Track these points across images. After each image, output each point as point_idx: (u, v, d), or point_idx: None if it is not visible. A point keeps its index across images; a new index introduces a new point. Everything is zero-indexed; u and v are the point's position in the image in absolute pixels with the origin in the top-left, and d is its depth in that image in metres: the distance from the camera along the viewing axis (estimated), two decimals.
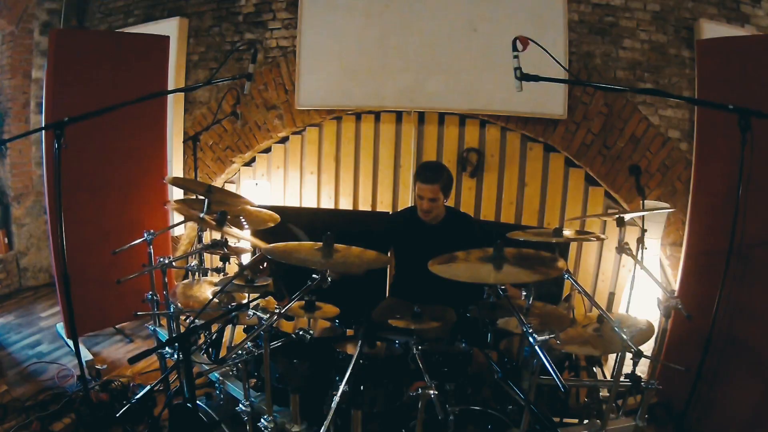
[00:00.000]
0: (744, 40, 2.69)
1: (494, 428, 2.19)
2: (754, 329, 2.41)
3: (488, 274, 1.82)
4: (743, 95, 2.44)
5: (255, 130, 3.93)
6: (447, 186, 2.58)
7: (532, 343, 1.69)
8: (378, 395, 1.97)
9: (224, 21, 3.92)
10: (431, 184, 2.51)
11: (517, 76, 1.97)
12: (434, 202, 2.55)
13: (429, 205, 2.56)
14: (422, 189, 2.54)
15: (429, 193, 2.52)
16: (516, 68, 1.97)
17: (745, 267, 2.46)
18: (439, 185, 2.52)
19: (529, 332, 1.69)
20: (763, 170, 2.33)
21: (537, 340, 1.69)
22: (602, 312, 1.94)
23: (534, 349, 1.66)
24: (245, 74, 2.29)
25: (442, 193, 2.55)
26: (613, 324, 1.88)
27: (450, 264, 1.93)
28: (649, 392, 2.05)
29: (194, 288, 2.41)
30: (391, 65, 3.56)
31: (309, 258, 1.87)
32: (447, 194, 2.60)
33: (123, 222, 3.37)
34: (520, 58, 2.00)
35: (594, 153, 3.43)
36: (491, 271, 1.82)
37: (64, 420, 2.57)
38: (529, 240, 2.17)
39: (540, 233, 2.25)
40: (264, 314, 1.84)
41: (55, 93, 3.05)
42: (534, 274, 1.82)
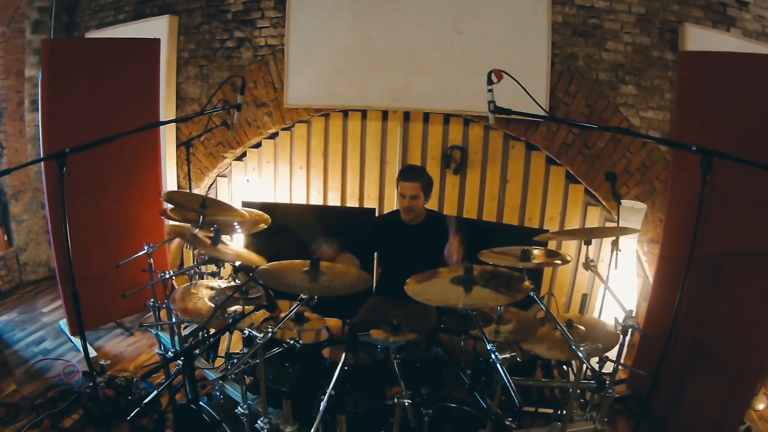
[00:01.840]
0: (725, 56, 2.69)
1: (469, 424, 2.29)
2: (721, 335, 2.48)
3: (458, 298, 1.88)
4: (723, 110, 2.50)
5: (245, 127, 3.94)
6: (427, 186, 2.70)
7: (494, 360, 1.78)
8: (362, 397, 2.13)
9: (214, 19, 3.89)
10: (412, 182, 2.65)
11: (490, 110, 1.99)
12: (415, 200, 2.67)
13: (410, 202, 2.68)
14: (404, 187, 2.67)
15: (410, 190, 2.65)
16: (490, 102, 1.99)
17: (714, 276, 2.53)
18: (420, 184, 2.66)
19: (492, 350, 1.79)
20: (734, 183, 2.39)
21: (499, 359, 1.78)
22: (563, 332, 1.98)
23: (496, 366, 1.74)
24: (234, 105, 2.33)
25: (423, 192, 2.68)
26: (570, 343, 1.92)
27: (427, 283, 2.01)
28: (608, 398, 2.10)
29: (192, 293, 2.48)
30: (376, 66, 3.57)
31: (296, 283, 1.98)
32: (427, 194, 2.71)
33: (120, 222, 3.44)
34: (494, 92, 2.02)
35: (575, 152, 3.46)
36: (461, 294, 1.89)
37: (73, 416, 2.64)
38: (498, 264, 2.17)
39: (509, 254, 2.27)
40: (258, 332, 1.93)
41: (51, 103, 3.08)
42: (501, 297, 1.90)
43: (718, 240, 2.52)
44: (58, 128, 3.08)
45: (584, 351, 1.88)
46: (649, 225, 3.48)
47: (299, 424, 2.05)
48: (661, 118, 3.43)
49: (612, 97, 3.42)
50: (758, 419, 2.92)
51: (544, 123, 3.43)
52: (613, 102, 3.42)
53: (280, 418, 2.06)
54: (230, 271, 2.97)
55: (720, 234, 2.51)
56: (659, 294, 2.92)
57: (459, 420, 2.38)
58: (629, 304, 3.33)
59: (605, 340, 2.20)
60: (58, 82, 3.07)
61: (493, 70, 2.02)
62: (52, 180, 3.09)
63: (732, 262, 2.48)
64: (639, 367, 3.02)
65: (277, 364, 2.27)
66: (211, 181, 4.19)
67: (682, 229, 2.81)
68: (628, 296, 3.29)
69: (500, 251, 2.33)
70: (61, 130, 3.07)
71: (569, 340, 1.93)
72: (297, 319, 2.29)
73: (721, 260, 2.51)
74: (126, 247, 3.08)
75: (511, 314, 2.32)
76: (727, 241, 2.49)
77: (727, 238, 2.49)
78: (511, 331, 2.21)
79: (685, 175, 2.79)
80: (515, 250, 2.30)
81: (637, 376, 3.06)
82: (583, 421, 2.24)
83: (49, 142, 3.09)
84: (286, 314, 2.02)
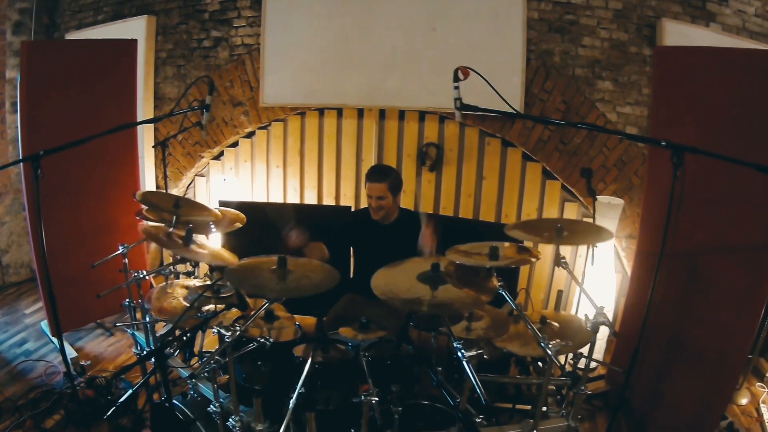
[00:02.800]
0: (701, 51, 2.66)
1: (442, 421, 2.27)
2: (700, 330, 2.46)
3: (423, 297, 1.87)
4: (699, 105, 2.46)
5: (222, 126, 3.92)
6: (395, 186, 2.67)
7: (461, 358, 1.76)
8: (332, 395, 2.13)
9: (191, 18, 3.87)
10: (378, 182, 2.62)
11: (456, 107, 1.97)
12: (382, 200, 2.65)
13: (377, 203, 2.66)
14: (371, 188, 2.65)
15: (377, 191, 2.63)
16: (456, 99, 1.97)
17: (692, 271, 2.51)
18: (387, 184, 2.62)
19: (458, 348, 1.79)
20: (712, 178, 2.37)
21: (465, 356, 1.76)
22: (532, 329, 1.96)
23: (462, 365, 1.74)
24: (203, 105, 2.33)
25: (390, 192, 2.65)
26: (538, 339, 1.90)
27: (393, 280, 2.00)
28: (580, 395, 2.09)
29: (168, 293, 2.48)
30: (352, 64, 3.55)
31: (264, 284, 1.96)
32: (396, 194, 2.68)
33: (99, 223, 3.43)
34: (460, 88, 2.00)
35: (551, 148, 3.43)
36: (428, 292, 1.89)
37: (55, 417, 2.64)
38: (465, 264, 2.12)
39: (478, 252, 2.22)
40: (227, 331, 1.92)
41: (30, 105, 3.07)
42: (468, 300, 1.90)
43: (695, 235, 2.49)
44: (36, 130, 3.07)
45: (553, 348, 1.85)
46: (627, 220, 3.45)
47: (270, 422, 2.04)
48: (638, 113, 3.40)
49: (588, 93, 3.39)
50: (741, 414, 2.91)
51: (520, 119, 3.40)
52: (589, 98, 3.39)
53: (251, 416, 2.06)
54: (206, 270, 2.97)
55: (698, 229, 2.49)
56: (637, 290, 2.90)
57: (431, 417, 2.36)
58: (608, 300, 3.32)
59: (579, 337, 2.18)
60: (36, 84, 3.06)
61: (459, 67, 2.00)
62: (30, 182, 3.09)
63: (710, 257, 2.46)
64: (618, 363, 3.02)
65: (250, 363, 2.27)
66: (190, 181, 4.17)
67: (659, 224, 2.77)
68: (607, 292, 3.27)
69: (468, 249, 2.30)
70: (39, 132, 3.06)
71: (537, 336, 1.91)
72: (267, 318, 2.29)
73: (698, 255, 2.49)
74: (105, 248, 3.04)
75: (483, 311, 2.30)
76: (705, 237, 2.47)
77: (705, 234, 2.47)
78: (483, 327, 2.20)
79: (662, 170, 2.73)
80: (484, 248, 2.26)
81: (615, 372, 3.04)
82: (556, 418, 2.22)
83: (28, 144, 3.08)
84: (254, 313, 2.02)
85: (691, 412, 2.48)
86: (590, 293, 3.06)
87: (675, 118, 2.60)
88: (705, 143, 1.88)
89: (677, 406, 2.55)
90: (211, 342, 3.12)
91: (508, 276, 3.00)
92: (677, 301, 2.54)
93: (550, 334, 2.18)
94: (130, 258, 2.64)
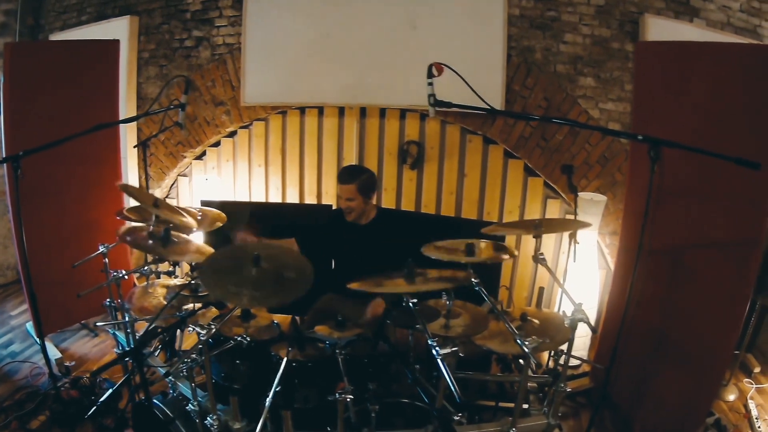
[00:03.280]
0: (683, 46, 2.63)
1: (421, 418, 2.25)
2: (684, 326, 2.43)
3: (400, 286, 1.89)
4: (682, 100, 2.44)
5: (204, 126, 3.90)
6: (365, 188, 2.62)
7: (435, 356, 1.75)
8: (310, 393, 2.12)
9: (173, 18, 3.85)
10: (346, 184, 2.59)
11: (431, 103, 1.96)
12: (351, 202, 2.62)
13: (346, 204, 2.64)
14: (340, 189, 2.63)
15: (345, 193, 2.61)
16: (430, 95, 1.96)
17: (675, 266, 2.48)
18: (356, 186, 2.59)
19: (433, 345, 1.77)
20: (694, 173, 2.36)
21: (439, 354, 1.75)
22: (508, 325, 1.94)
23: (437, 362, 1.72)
24: (179, 105, 2.32)
25: (360, 194, 2.61)
26: (515, 336, 1.88)
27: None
28: (559, 393, 2.08)
29: (150, 292, 2.51)
30: (332, 62, 3.53)
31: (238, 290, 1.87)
32: (367, 196, 2.65)
33: (82, 223, 3.40)
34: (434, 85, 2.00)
35: (532, 145, 3.41)
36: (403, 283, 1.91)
37: (40, 417, 2.63)
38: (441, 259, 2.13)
39: (454, 248, 2.21)
40: (202, 329, 1.90)
41: (13, 107, 3.06)
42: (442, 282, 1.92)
43: (679, 231, 2.47)
44: (19, 131, 3.06)
45: (530, 345, 1.83)
46: (610, 217, 3.43)
47: (248, 421, 2.03)
48: (621, 109, 3.38)
49: (570, 90, 3.38)
50: (728, 410, 2.89)
51: (501, 116, 3.39)
52: (571, 94, 3.37)
53: (229, 414, 2.05)
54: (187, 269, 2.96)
55: (681, 224, 2.47)
56: (620, 286, 2.87)
57: (410, 415, 2.35)
58: (592, 297, 3.30)
59: (561, 334, 2.16)
60: (19, 85, 3.05)
61: (433, 64, 1.99)
62: (12, 183, 3.09)
63: (694, 252, 2.43)
64: (601, 360, 3.00)
65: (229, 361, 2.25)
66: (172, 181, 4.15)
67: (641, 220, 2.80)
68: (591, 289, 3.25)
69: (444, 245, 2.28)
70: (22, 133, 3.05)
71: (514, 333, 1.89)
72: (244, 316, 2.29)
73: (682, 251, 2.47)
74: (88, 248, 3.02)
75: (461, 308, 2.28)
76: (688, 232, 2.44)
77: (688, 229, 2.44)
78: (461, 325, 2.18)
79: (644, 166, 2.70)
80: (460, 245, 2.25)
81: (599, 370, 3.02)
82: (536, 416, 2.20)
83: (11, 145, 3.07)
84: (228, 312, 2.01)
85: (677, 408, 2.46)
86: (573, 290, 3.10)
87: (657, 114, 2.57)
88: (687, 138, 1.86)
89: (663, 402, 2.53)
90: (193, 341, 3.10)
91: (489, 273, 2.99)
92: (661, 296, 2.51)
93: (531, 331, 2.16)
94: (114, 258, 2.65)
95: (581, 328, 3.31)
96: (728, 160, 1.73)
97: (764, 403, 2.96)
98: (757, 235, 2.18)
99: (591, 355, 3.35)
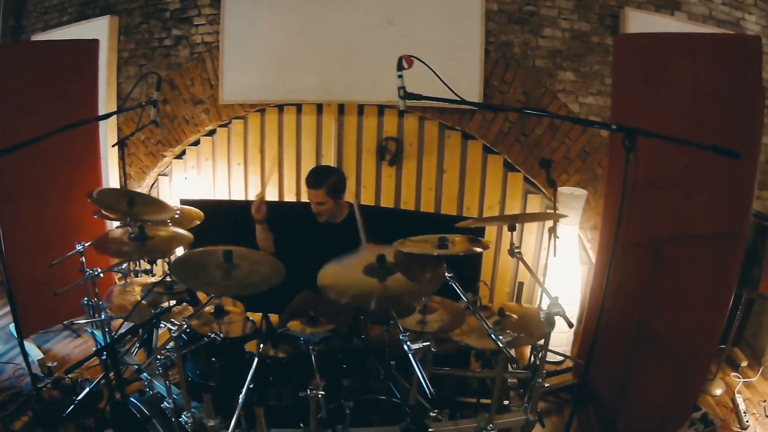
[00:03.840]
0: (662, 37, 2.61)
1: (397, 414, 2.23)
2: (667, 320, 2.41)
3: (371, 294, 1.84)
4: (661, 92, 2.42)
5: (183, 125, 3.88)
6: (334, 189, 2.61)
7: (407, 351, 1.74)
8: (284, 390, 2.08)
9: (152, 18, 3.84)
10: (315, 189, 2.58)
11: (401, 95, 1.93)
12: (321, 205, 2.61)
13: (317, 207, 2.63)
14: (309, 193, 2.62)
15: (315, 197, 2.60)
16: (400, 87, 1.93)
17: (657, 260, 2.46)
18: (324, 190, 2.57)
19: (404, 340, 1.76)
20: (675, 165, 2.34)
21: (411, 348, 1.74)
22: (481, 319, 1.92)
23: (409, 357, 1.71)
24: (150, 101, 2.31)
25: (329, 196, 2.59)
26: (489, 331, 1.84)
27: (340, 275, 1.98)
28: (537, 388, 2.05)
29: (128, 291, 2.50)
30: (310, 59, 3.51)
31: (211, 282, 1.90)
32: (337, 196, 2.63)
33: (63, 223, 3.39)
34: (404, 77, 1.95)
35: (512, 140, 3.39)
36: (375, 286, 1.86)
37: (23, 418, 2.61)
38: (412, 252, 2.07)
39: (426, 242, 2.16)
40: (173, 325, 1.89)
41: None
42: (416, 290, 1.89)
43: (659, 223, 2.45)
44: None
45: (504, 339, 1.80)
46: (591, 212, 3.41)
47: (222, 418, 2.01)
48: (601, 103, 3.37)
49: (550, 84, 3.36)
50: (715, 405, 2.87)
51: (479, 111, 3.36)
52: (550, 89, 3.35)
53: (203, 412, 2.03)
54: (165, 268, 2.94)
55: (661, 217, 2.45)
56: (601, 280, 2.85)
57: (386, 411, 2.33)
58: (574, 292, 3.28)
59: (540, 329, 2.12)
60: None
61: (403, 56, 1.97)
62: None
63: (675, 245, 2.41)
64: (583, 356, 2.97)
65: (204, 359, 2.23)
66: (153, 181, 4.14)
67: None
68: (573, 285, 3.23)
69: (418, 240, 2.26)
70: (0, 134, 3.01)
71: (487, 327, 1.86)
72: (217, 313, 2.26)
73: (663, 243, 2.45)
74: (70, 248, 3.02)
75: (437, 304, 2.26)
76: (669, 224, 2.42)
77: (669, 221, 2.42)
78: (438, 320, 2.16)
79: (623, 158, 2.73)
80: (433, 239, 2.23)
81: (582, 365, 3.00)
82: (514, 412, 2.16)
83: None
84: (198, 308, 1.99)
85: (662, 402, 2.44)
86: (555, 286, 3.07)
87: (636, 106, 2.55)
88: (667, 129, 1.82)
89: (647, 397, 2.50)
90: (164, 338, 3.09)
91: (467, 269, 2.98)
92: (644, 290, 2.49)
93: (509, 326, 2.12)
94: (94, 257, 2.62)
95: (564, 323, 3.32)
96: (704, 148, 1.68)
97: (752, 397, 2.94)
98: (740, 227, 2.16)
99: (574, 351, 3.33)
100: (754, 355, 3.31)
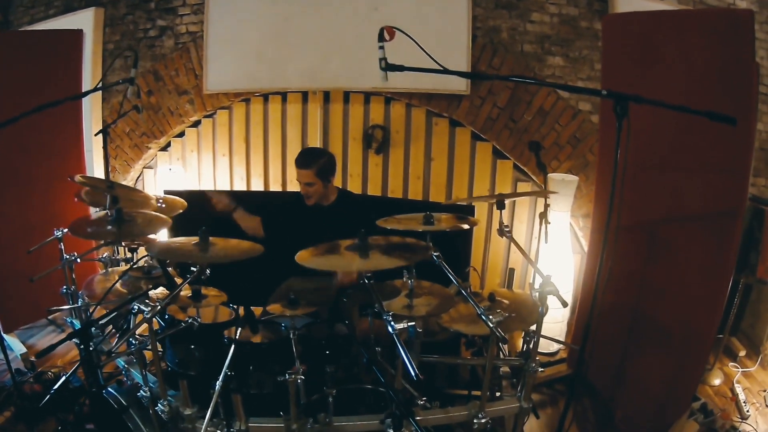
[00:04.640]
0: (650, 15, 2.55)
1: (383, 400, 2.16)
2: (662, 306, 2.34)
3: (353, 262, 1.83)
4: (651, 70, 2.36)
5: (168, 116, 3.83)
6: (324, 171, 2.55)
7: (391, 332, 1.67)
8: (264, 378, 2.03)
9: (137, 9, 3.80)
10: (304, 169, 2.52)
11: (381, 67, 1.88)
12: (310, 187, 2.55)
13: (305, 189, 2.57)
14: (298, 173, 2.56)
15: (303, 177, 2.54)
16: (381, 59, 1.87)
17: (653, 244, 2.40)
18: (313, 171, 2.51)
19: (389, 321, 1.69)
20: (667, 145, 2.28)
21: (395, 329, 1.67)
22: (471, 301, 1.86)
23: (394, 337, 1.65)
24: (127, 79, 2.28)
25: (319, 178, 2.53)
26: (478, 311, 1.78)
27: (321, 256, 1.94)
28: (531, 375, 1.97)
29: (108, 279, 2.41)
30: (295, 46, 3.45)
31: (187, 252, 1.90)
32: (326, 179, 2.57)
33: (47, 214, 3.31)
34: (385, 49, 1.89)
35: (500, 127, 3.33)
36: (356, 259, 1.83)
37: (5, 414, 2.57)
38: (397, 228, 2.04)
39: (410, 220, 2.12)
40: (147, 308, 1.82)
41: None
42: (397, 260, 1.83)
43: (654, 206, 2.38)
44: None
45: (494, 319, 1.71)
46: (583, 200, 3.35)
47: (199, 406, 1.93)
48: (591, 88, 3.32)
49: (538, 69, 3.30)
50: (714, 395, 2.81)
51: (467, 98, 3.30)
52: (539, 74, 3.29)
53: (180, 400, 1.95)
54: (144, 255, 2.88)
55: (655, 199, 2.38)
56: (594, 267, 2.79)
57: (372, 399, 2.26)
58: (566, 281, 3.21)
59: (532, 315, 2.04)
60: None
61: (384, 27, 1.93)
62: None
63: (672, 228, 2.34)
64: (578, 344, 2.91)
65: (183, 347, 2.16)
66: (138, 173, 4.09)
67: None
68: (565, 273, 3.17)
69: (403, 218, 2.19)
70: None
71: (476, 307, 1.77)
72: (194, 297, 2.19)
73: (657, 226, 2.38)
74: (53, 243, 3.01)
75: (424, 288, 2.19)
76: (665, 206, 2.35)
77: (665, 203, 2.35)
78: (426, 305, 2.09)
79: (614, 140, 2.65)
80: (418, 216, 2.16)
81: (576, 355, 2.93)
82: (509, 400, 2.07)
83: None
84: (176, 288, 1.89)
85: (660, 392, 2.36)
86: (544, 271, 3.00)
87: (628, 87, 2.46)
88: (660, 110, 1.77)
89: (645, 386, 2.43)
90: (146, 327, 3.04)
91: (458, 253, 2.92)
92: (638, 275, 2.42)
93: (499, 309, 2.06)
94: (74, 244, 2.56)
95: (558, 312, 3.25)
96: (699, 114, 1.62)
97: (751, 387, 2.88)
98: (738, 205, 2.09)
99: (568, 340, 3.26)
100: (752, 344, 3.24)
